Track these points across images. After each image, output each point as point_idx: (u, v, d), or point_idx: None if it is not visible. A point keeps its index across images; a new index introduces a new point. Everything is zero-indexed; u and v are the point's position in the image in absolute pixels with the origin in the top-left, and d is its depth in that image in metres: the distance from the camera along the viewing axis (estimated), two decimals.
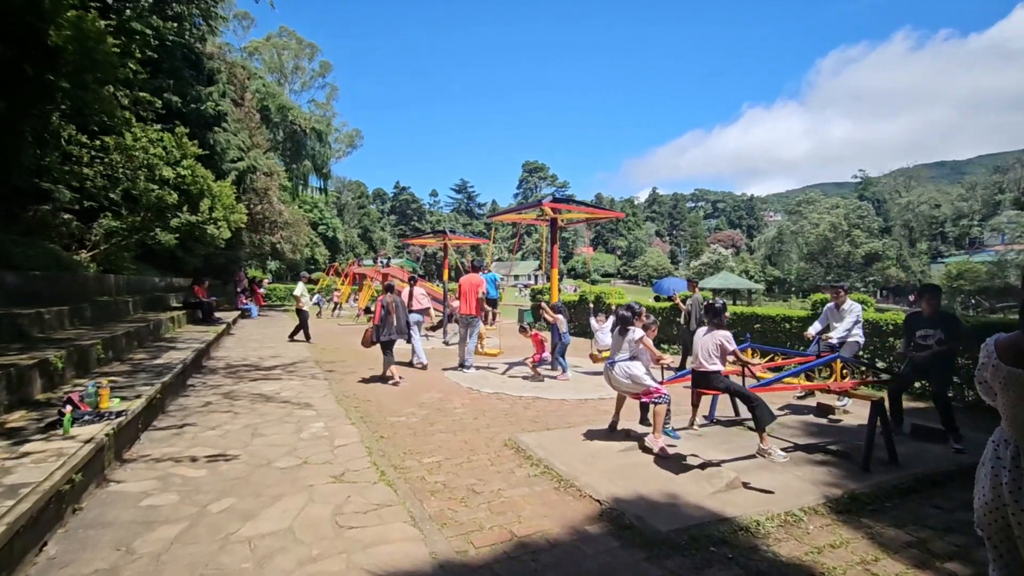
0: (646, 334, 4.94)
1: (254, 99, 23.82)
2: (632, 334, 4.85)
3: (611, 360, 4.99)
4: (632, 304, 5.11)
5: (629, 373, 4.79)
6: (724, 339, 4.46)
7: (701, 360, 4.56)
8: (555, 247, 8.86)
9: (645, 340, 4.82)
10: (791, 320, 9.40)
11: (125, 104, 10.18)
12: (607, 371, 5.04)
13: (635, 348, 4.86)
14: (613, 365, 4.93)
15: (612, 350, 5.07)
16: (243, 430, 5.28)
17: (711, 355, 4.50)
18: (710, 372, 4.52)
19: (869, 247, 38.84)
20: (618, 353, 4.94)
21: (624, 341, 4.90)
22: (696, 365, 4.63)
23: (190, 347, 8.71)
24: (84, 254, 11.43)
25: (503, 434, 5.32)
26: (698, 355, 4.60)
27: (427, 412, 6.22)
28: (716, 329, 4.55)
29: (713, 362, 4.49)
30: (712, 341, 4.51)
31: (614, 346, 5.05)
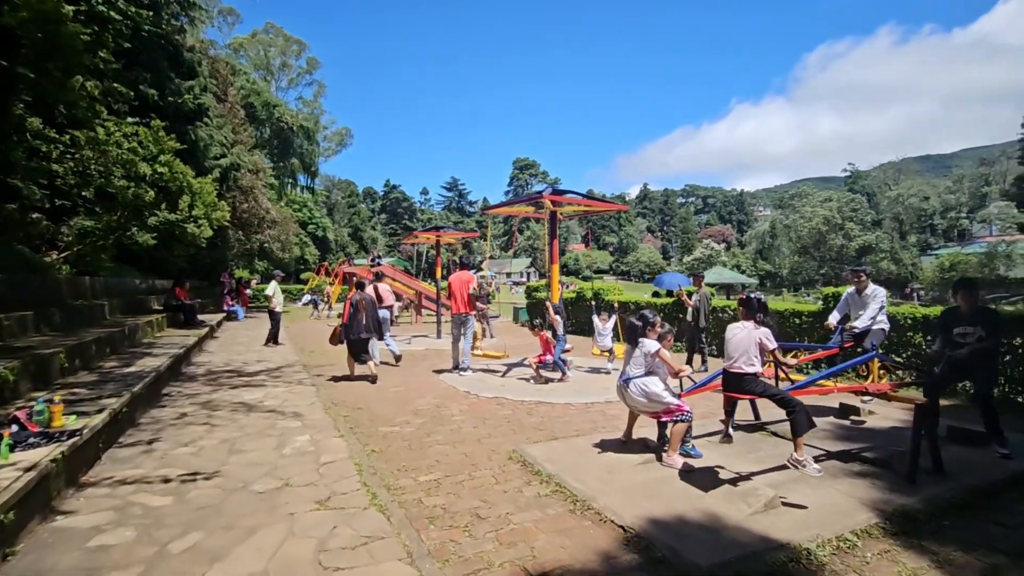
0: (662, 345, 4.47)
1: (238, 95, 23.11)
2: (646, 347, 4.37)
3: (624, 377, 4.49)
4: (644, 312, 4.59)
5: (646, 392, 4.29)
6: (764, 337, 4.02)
7: (737, 361, 4.09)
8: (555, 242, 8.40)
9: (662, 354, 4.33)
10: (801, 315, 9.01)
11: (96, 96, 9.59)
12: (620, 390, 4.55)
13: (650, 362, 4.38)
14: (628, 383, 4.42)
15: (624, 364, 4.59)
16: (219, 446, 4.77)
17: (749, 355, 4.05)
18: (747, 375, 4.07)
19: (863, 240, 38.79)
20: (631, 368, 4.45)
21: (637, 354, 4.42)
22: (730, 366, 4.17)
23: (167, 353, 8.16)
24: (55, 255, 10.80)
25: (507, 445, 4.86)
26: (732, 355, 4.14)
27: (423, 421, 5.75)
28: (755, 326, 4.10)
29: (751, 363, 4.05)
30: (751, 339, 4.06)
31: (626, 360, 4.56)
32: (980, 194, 74.47)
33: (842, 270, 39.46)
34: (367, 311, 7.79)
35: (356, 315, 7.72)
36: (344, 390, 7.35)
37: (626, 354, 4.56)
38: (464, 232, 18.59)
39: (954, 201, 73.07)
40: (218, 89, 20.08)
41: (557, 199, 7.78)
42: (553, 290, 8.47)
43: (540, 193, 7.62)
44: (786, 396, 3.83)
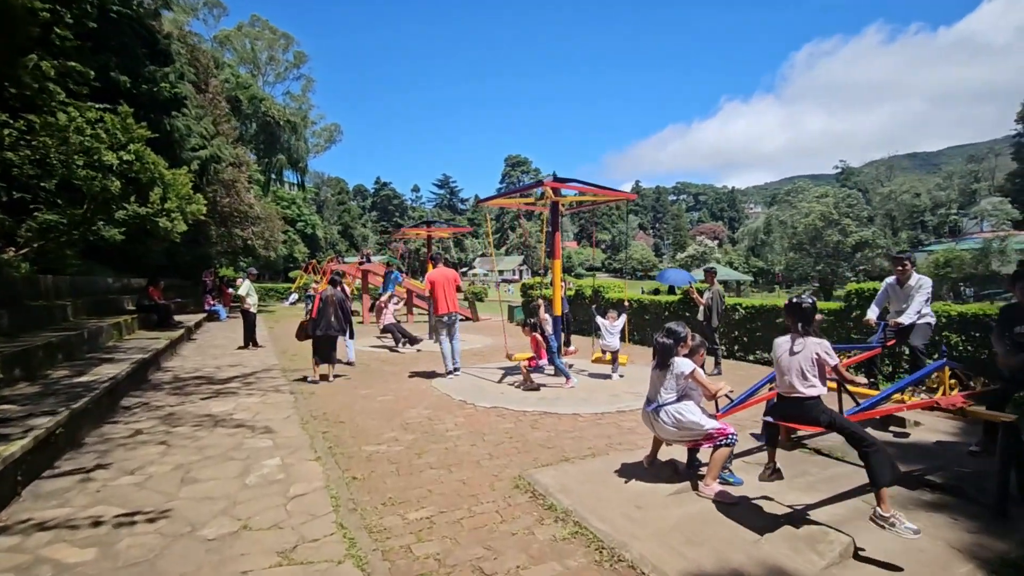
0: (694, 361, 3.79)
1: (220, 86, 22.14)
2: (679, 367, 3.67)
3: (654, 405, 3.77)
4: (671, 326, 3.85)
5: (682, 421, 3.61)
6: (823, 351, 3.31)
7: (792, 382, 3.38)
8: (557, 235, 7.71)
9: (697, 375, 3.65)
10: (821, 313, 8.39)
11: (51, 76, 8.76)
12: (648, 418, 3.86)
13: (684, 385, 3.70)
14: (658, 411, 3.72)
15: (651, 389, 3.88)
16: (172, 473, 4.03)
17: (806, 374, 3.33)
18: (808, 400, 3.33)
19: (859, 236, 38.49)
20: (660, 393, 3.75)
21: (667, 377, 3.71)
22: (785, 389, 3.46)
23: (130, 359, 7.38)
24: (12, 252, 9.93)
25: (511, 468, 4.17)
26: (786, 375, 3.42)
27: (413, 437, 5.04)
28: (807, 337, 3.42)
29: (811, 384, 3.33)
30: (807, 355, 3.34)
31: (653, 385, 3.85)
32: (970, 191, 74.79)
33: (838, 266, 39.20)
34: (336, 308, 7.59)
35: (325, 311, 7.50)
36: (325, 399, 6.62)
37: (653, 378, 3.86)
38: (455, 228, 17.84)
39: (944, 198, 73.31)
40: (198, 78, 19.14)
41: (559, 186, 7.08)
42: (556, 287, 7.79)
43: (540, 181, 6.92)
44: (858, 431, 3.11)
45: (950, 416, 5.21)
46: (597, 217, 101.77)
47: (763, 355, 9.34)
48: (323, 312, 7.49)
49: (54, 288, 10.45)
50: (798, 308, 3.49)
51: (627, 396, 6.58)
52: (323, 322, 7.48)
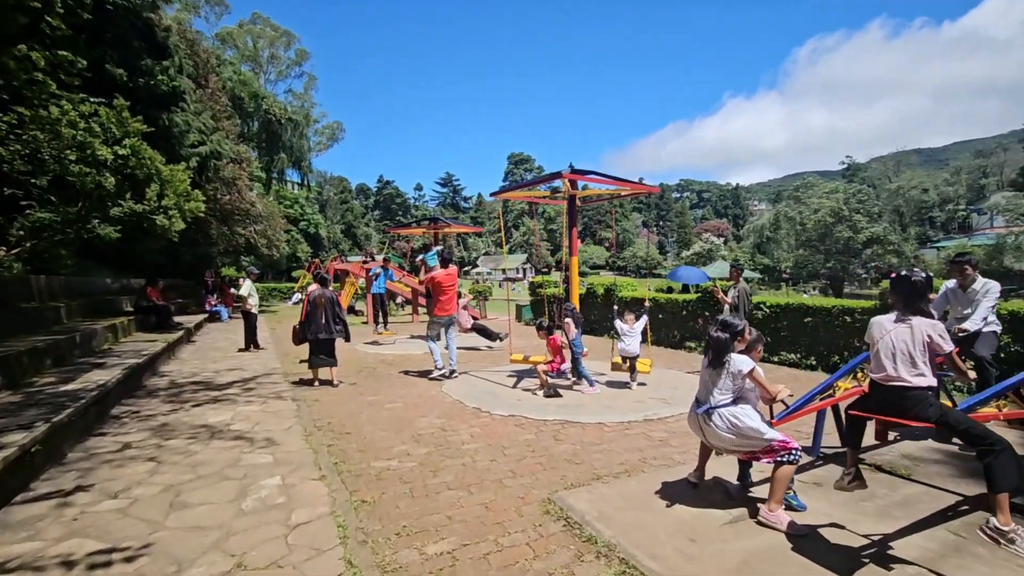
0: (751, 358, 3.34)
1: (220, 81, 21.75)
2: (736, 364, 3.22)
3: (705, 407, 3.33)
4: (726, 318, 3.40)
5: (739, 426, 3.16)
6: (936, 333, 2.86)
7: (896, 368, 2.92)
8: (574, 230, 7.26)
9: (756, 374, 3.20)
10: (852, 312, 7.92)
11: (42, 66, 8.34)
12: (697, 423, 3.42)
13: (740, 385, 3.25)
14: (710, 414, 3.28)
15: (702, 389, 3.44)
16: (160, 496, 3.61)
17: (915, 359, 2.87)
18: (914, 389, 2.87)
19: (870, 232, 37.82)
20: (712, 394, 3.30)
21: (722, 376, 3.27)
22: (884, 376, 2.99)
23: (124, 363, 6.97)
24: (3, 252, 9.54)
25: (538, 488, 3.74)
26: (886, 360, 2.97)
27: (427, 451, 4.61)
28: (916, 316, 2.95)
29: (919, 371, 2.88)
30: (917, 336, 2.88)
31: (704, 384, 3.41)
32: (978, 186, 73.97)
33: (849, 264, 38.60)
34: (327, 309, 7.27)
35: (314, 313, 7.20)
36: (330, 407, 6.20)
37: (704, 377, 3.41)
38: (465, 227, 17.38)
39: (952, 193, 72.52)
40: (198, 73, 18.74)
41: (577, 178, 6.63)
42: (572, 285, 7.34)
43: (559, 173, 6.47)
44: (979, 428, 2.68)
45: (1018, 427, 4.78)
46: (601, 215, 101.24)
47: (788, 356, 8.88)
48: (312, 314, 7.20)
49: (47, 289, 10.08)
50: (907, 282, 3.00)
51: (653, 403, 6.13)
52: (314, 325, 7.19)
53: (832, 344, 8.18)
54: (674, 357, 9.82)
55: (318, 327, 7.20)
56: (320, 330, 7.21)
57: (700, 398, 3.41)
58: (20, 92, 8.53)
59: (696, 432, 3.47)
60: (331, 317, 7.30)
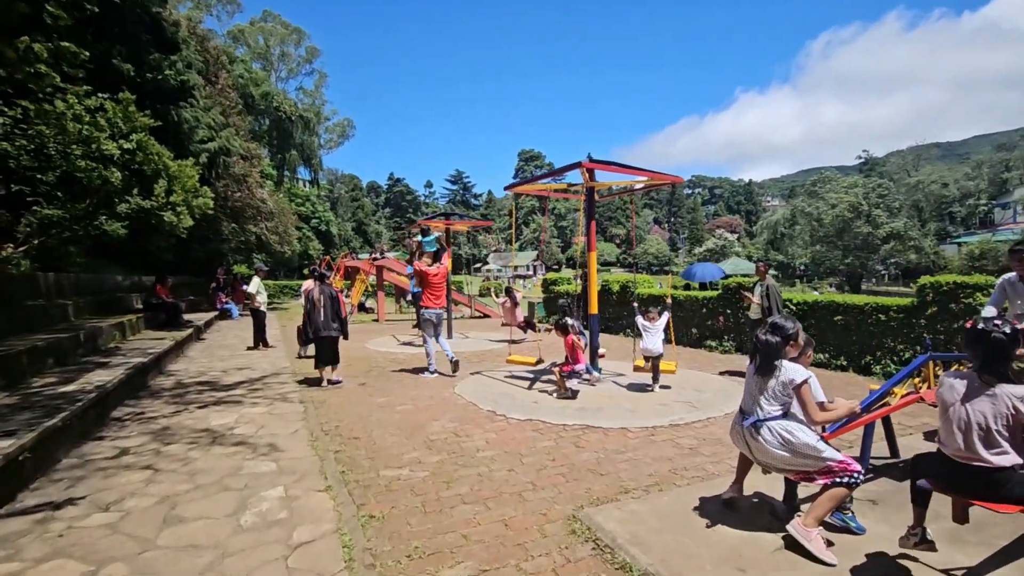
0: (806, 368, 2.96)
1: (230, 77, 21.63)
2: (788, 373, 2.85)
3: (752, 420, 2.96)
4: (777, 320, 3.04)
5: (792, 442, 2.78)
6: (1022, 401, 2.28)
7: (972, 444, 2.36)
8: (592, 224, 6.93)
9: (804, 392, 2.81)
10: (888, 310, 7.49)
11: (44, 58, 8.16)
12: (743, 436, 3.03)
13: (785, 395, 2.89)
14: (758, 428, 2.91)
15: (747, 399, 3.09)
16: (154, 509, 3.35)
17: (996, 436, 2.32)
18: (999, 470, 2.32)
19: (890, 227, 36.88)
20: (760, 405, 2.93)
21: (771, 385, 2.90)
22: (957, 451, 2.43)
23: (128, 363, 6.77)
24: (10, 249, 9.41)
25: (561, 503, 3.42)
26: (959, 432, 2.41)
27: (439, 459, 4.31)
28: (1000, 383, 2.34)
29: (1001, 448, 2.33)
30: (1001, 407, 2.31)
31: (750, 393, 3.05)
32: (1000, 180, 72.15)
33: (868, 260, 37.71)
34: (326, 307, 7.10)
35: (313, 311, 7.06)
36: (338, 410, 5.93)
37: (750, 385, 3.06)
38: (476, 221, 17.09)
39: (973, 188, 70.82)
40: (207, 69, 18.61)
41: (596, 167, 6.28)
42: (591, 282, 7.00)
43: (577, 163, 6.13)
44: None
45: None
46: (612, 211, 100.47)
47: (816, 356, 8.46)
48: (311, 312, 7.07)
49: (56, 286, 9.94)
50: (986, 338, 2.38)
51: (678, 406, 5.78)
52: (315, 322, 7.04)
53: (864, 344, 7.76)
54: (695, 356, 9.44)
55: (318, 325, 7.04)
56: (320, 328, 7.05)
57: (745, 408, 3.05)
58: (24, 85, 8.36)
59: (740, 447, 3.11)
60: (330, 314, 7.12)
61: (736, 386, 6.81)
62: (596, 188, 6.96)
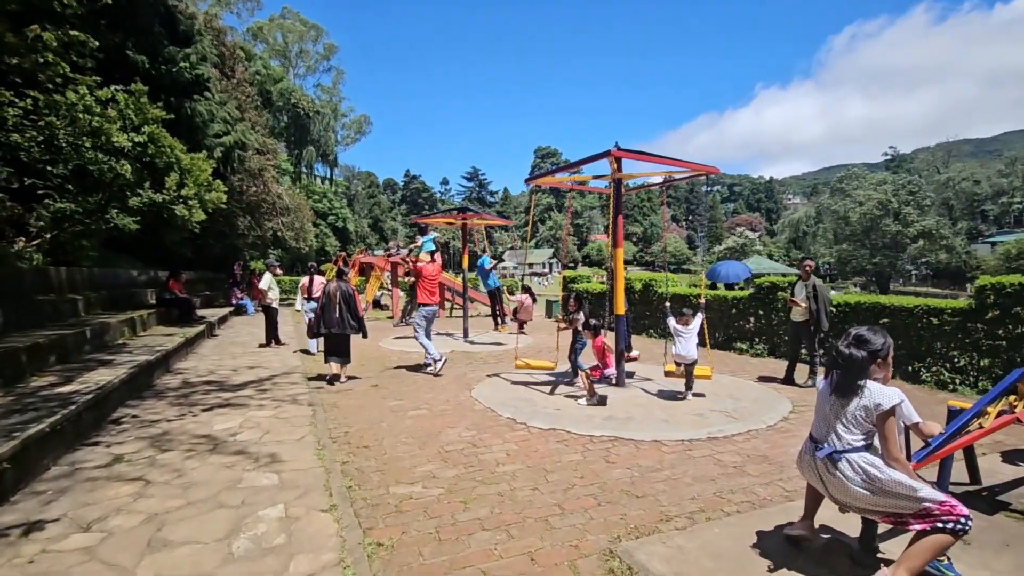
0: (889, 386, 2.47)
1: (246, 72, 21.51)
2: (875, 396, 2.36)
3: (827, 451, 2.47)
4: (866, 333, 2.49)
5: (880, 480, 2.31)
6: None
7: None
8: (620, 218, 6.46)
9: (891, 426, 2.33)
10: (941, 313, 6.89)
11: (53, 47, 7.95)
12: (815, 469, 2.54)
13: (869, 422, 2.40)
14: (835, 461, 2.43)
15: (820, 424, 2.59)
16: (139, 530, 3.01)
17: None
18: None
19: (921, 226, 35.52)
20: (838, 433, 2.45)
21: (852, 409, 2.42)
22: None
23: (134, 361, 6.50)
24: (23, 242, 9.27)
25: (594, 532, 3.00)
26: None
27: (455, 473, 3.91)
28: None
29: None
30: None
31: (824, 417, 2.56)
32: None
33: (897, 259, 36.37)
34: (341, 303, 6.93)
35: (329, 306, 6.88)
36: (348, 413, 5.58)
37: (823, 408, 2.58)
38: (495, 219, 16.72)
39: (1007, 185, 68.36)
40: (223, 63, 18.48)
41: (625, 155, 5.81)
42: (618, 280, 6.54)
43: (607, 152, 5.67)
44: None
45: None
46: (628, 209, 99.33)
47: None
48: (326, 308, 6.90)
49: (68, 281, 9.79)
50: None
51: (715, 416, 5.31)
52: (327, 318, 6.88)
53: (914, 350, 7.17)
54: (724, 360, 8.92)
55: (331, 321, 6.87)
56: (333, 324, 6.87)
57: (817, 436, 2.57)
58: (34, 75, 8.18)
59: (812, 481, 2.63)
60: (345, 312, 6.93)
61: (777, 395, 6.30)
62: (624, 179, 6.48)
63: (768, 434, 4.88)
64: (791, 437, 4.80)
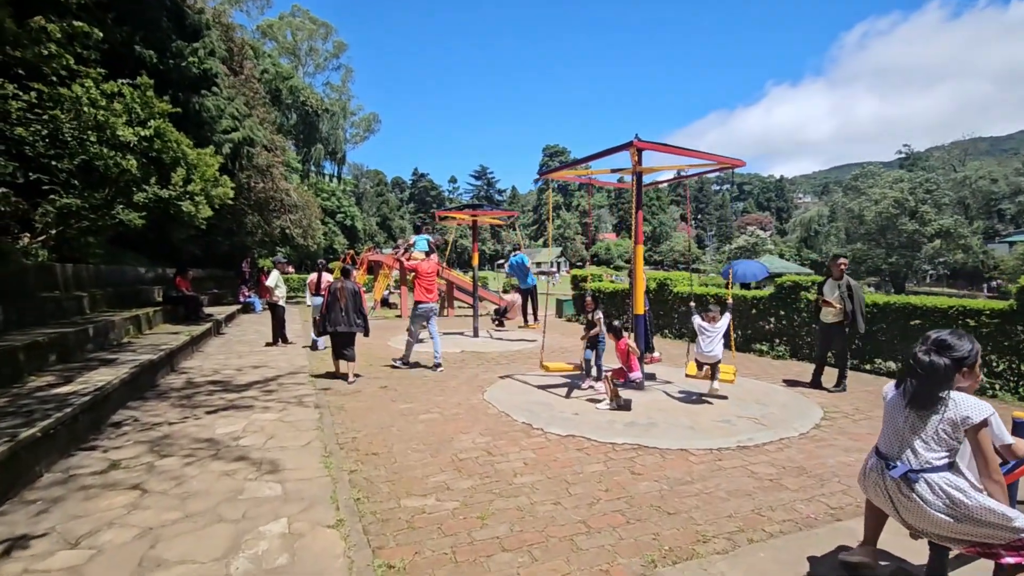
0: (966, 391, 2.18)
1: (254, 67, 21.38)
2: (962, 409, 2.07)
3: (902, 470, 2.17)
4: (949, 338, 2.19)
5: (966, 505, 2.01)
6: None
7: None
8: (639, 213, 6.17)
9: (984, 438, 2.04)
10: (979, 315, 6.54)
11: (57, 37, 7.78)
12: (885, 490, 2.24)
13: (954, 439, 2.11)
14: (911, 481, 2.13)
15: (891, 439, 2.29)
16: (131, 546, 2.78)
17: None
18: None
19: (939, 224, 34.77)
20: (915, 450, 2.16)
21: (933, 424, 2.13)
22: None
23: (136, 360, 6.31)
24: (27, 238, 9.14)
25: (625, 554, 2.73)
26: None
27: (471, 484, 3.66)
28: None
29: None
30: None
31: (896, 431, 2.26)
32: None
33: (914, 259, 35.65)
34: (347, 301, 6.91)
35: (334, 305, 6.85)
36: (356, 417, 5.34)
37: (895, 420, 2.29)
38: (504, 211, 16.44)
39: None
40: (231, 59, 18.35)
41: (648, 147, 5.52)
42: (637, 278, 6.26)
43: (629, 143, 5.39)
44: None
45: None
46: None
47: (886, 365, 7.57)
48: (332, 306, 6.87)
49: (74, 278, 9.65)
50: None
51: (743, 423, 5.01)
52: (332, 316, 6.84)
53: None
54: (745, 362, 8.58)
55: (337, 319, 6.84)
56: (339, 322, 6.85)
57: (887, 452, 2.28)
58: (38, 68, 8.03)
59: (879, 502, 2.33)
60: (351, 309, 6.89)
61: (806, 400, 5.99)
62: (645, 172, 6.19)
63: (801, 443, 4.58)
64: (826, 446, 4.50)
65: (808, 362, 8.42)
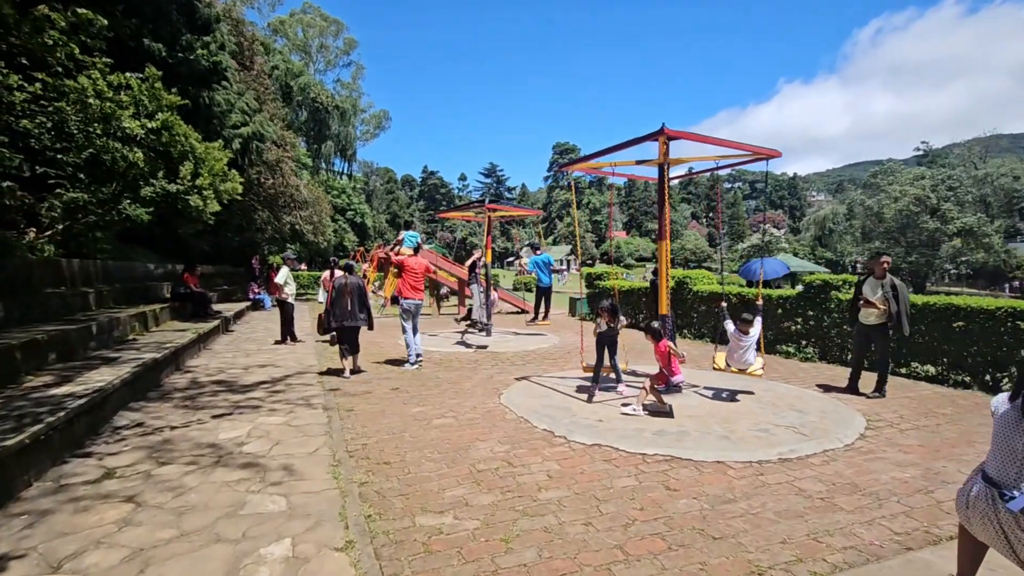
0: None
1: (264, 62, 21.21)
2: None
3: (1019, 500, 1.86)
4: None
5: None
6: None
7: None
8: (667, 208, 5.82)
9: None
10: (1017, 316, 6.11)
11: (61, 26, 7.57)
12: (996, 521, 1.92)
13: None
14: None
15: (1000, 460, 1.96)
16: (118, 571, 2.50)
17: None
18: None
19: (961, 223, 33.85)
20: None
21: None
22: None
23: (140, 359, 6.08)
24: (33, 233, 8.97)
25: None
26: None
27: (492, 499, 3.35)
28: None
29: None
30: None
31: (1011, 454, 1.93)
32: None
33: (935, 258, 34.75)
34: (353, 296, 6.95)
35: (340, 300, 6.89)
36: (367, 421, 5.05)
37: (1007, 439, 1.94)
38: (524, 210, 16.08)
39: None
40: (241, 54, 18.17)
41: (679, 136, 5.16)
42: (662, 276, 5.91)
43: (658, 132, 5.04)
44: None
45: None
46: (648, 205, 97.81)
47: (923, 369, 7.15)
48: (337, 301, 6.92)
49: (81, 274, 9.47)
50: None
51: (781, 432, 4.65)
52: (338, 311, 6.90)
53: (994, 357, 6.40)
54: (773, 364, 8.18)
55: (343, 314, 6.90)
56: (345, 316, 6.91)
57: (1000, 479, 1.94)
58: (42, 59, 7.82)
59: (987, 536, 1.99)
60: (357, 304, 6.97)
61: (845, 407, 5.61)
62: (671, 164, 5.84)
63: (848, 455, 4.22)
64: (875, 460, 4.13)
65: (839, 365, 8.02)
